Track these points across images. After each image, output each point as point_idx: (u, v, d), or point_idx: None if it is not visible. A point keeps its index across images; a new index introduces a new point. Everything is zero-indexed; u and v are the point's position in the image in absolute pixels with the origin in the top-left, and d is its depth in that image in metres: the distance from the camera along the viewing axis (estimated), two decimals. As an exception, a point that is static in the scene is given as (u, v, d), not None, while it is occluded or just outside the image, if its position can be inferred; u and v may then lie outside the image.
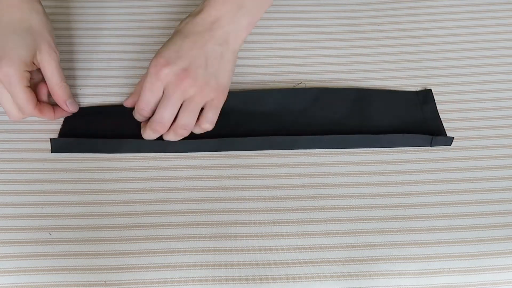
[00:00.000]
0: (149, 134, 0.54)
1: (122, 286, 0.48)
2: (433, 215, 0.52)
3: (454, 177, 0.55)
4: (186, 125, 0.53)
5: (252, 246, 0.50)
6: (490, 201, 0.53)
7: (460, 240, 0.51)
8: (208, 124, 0.54)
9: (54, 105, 0.57)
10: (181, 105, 0.53)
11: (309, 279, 0.49)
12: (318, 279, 0.49)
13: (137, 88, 0.57)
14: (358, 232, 0.51)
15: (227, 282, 0.49)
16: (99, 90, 0.61)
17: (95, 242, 0.50)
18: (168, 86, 0.52)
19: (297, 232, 0.51)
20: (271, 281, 0.49)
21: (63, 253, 0.49)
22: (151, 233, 0.51)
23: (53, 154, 0.55)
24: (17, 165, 0.55)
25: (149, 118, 0.54)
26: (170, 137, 0.54)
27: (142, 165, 0.55)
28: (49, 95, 0.56)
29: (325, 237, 0.51)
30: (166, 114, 0.52)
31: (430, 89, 0.61)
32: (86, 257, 0.49)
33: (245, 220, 0.52)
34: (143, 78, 0.55)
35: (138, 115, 0.55)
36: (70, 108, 0.57)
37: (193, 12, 0.54)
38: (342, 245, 0.51)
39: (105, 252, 0.50)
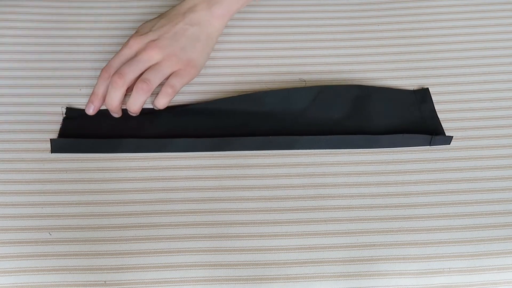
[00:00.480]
0: (110, 91, 0.56)
1: (122, 286, 0.48)
2: (433, 215, 0.52)
3: (454, 177, 0.55)
4: (148, 79, 0.56)
5: (252, 246, 0.50)
6: (490, 201, 0.53)
7: (460, 240, 0.51)
8: (169, 88, 0.57)
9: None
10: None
11: (309, 279, 0.49)
12: (318, 279, 0.49)
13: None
14: (358, 232, 0.51)
15: (227, 282, 0.49)
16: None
17: (95, 242, 0.50)
18: (139, 52, 0.57)
19: (297, 232, 0.51)
20: (271, 281, 0.49)
21: (63, 253, 0.49)
22: (151, 233, 0.51)
23: (53, 154, 0.55)
24: (17, 165, 0.55)
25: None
26: (134, 95, 0.56)
27: (142, 165, 0.55)
28: None
29: (325, 237, 0.51)
30: (128, 69, 0.56)
31: (427, 88, 0.61)
32: (86, 257, 0.49)
33: (245, 220, 0.52)
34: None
35: (100, 80, 0.57)
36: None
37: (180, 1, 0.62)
38: (342, 245, 0.51)
39: (105, 252, 0.50)
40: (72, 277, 0.48)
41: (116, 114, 0.58)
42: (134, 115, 0.58)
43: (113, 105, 0.57)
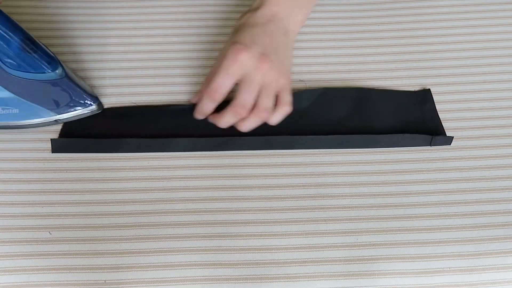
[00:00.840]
0: (228, 119, 0.54)
1: (122, 285, 0.48)
2: (433, 214, 0.53)
3: (454, 176, 0.55)
4: (267, 108, 0.54)
5: (252, 245, 0.51)
6: (489, 201, 0.54)
7: (459, 239, 0.51)
8: (287, 106, 0.55)
9: None
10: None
11: (309, 279, 0.49)
12: (318, 279, 0.49)
13: (204, 85, 0.58)
14: (358, 231, 0.51)
15: (227, 282, 0.49)
16: (113, 90, 0.61)
17: (95, 242, 0.50)
18: (249, 70, 0.53)
19: (297, 231, 0.51)
20: (271, 280, 0.49)
21: (63, 252, 0.50)
22: (151, 232, 0.51)
23: (53, 154, 0.56)
24: (17, 164, 0.55)
25: (214, 111, 0.56)
26: (251, 122, 0.54)
27: (142, 165, 0.55)
28: None
29: (325, 236, 0.51)
30: (249, 97, 0.53)
31: (429, 89, 0.61)
32: (86, 256, 0.49)
33: (244, 220, 0.52)
34: (214, 68, 0.57)
35: (208, 100, 0.54)
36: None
37: (251, 8, 0.58)
38: (342, 244, 0.51)
39: (105, 251, 0.50)
40: (72, 276, 0.48)
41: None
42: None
43: (227, 126, 0.56)
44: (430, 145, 0.57)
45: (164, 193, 0.53)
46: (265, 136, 0.56)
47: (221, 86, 0.53)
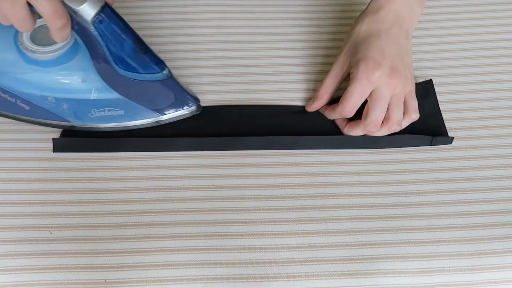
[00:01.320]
0: (357, 133, 0.56)
1: (123, 285, 0.48)
2: (433, 214, 0.53)
3: (454, 176, 0.55)
4: (399, 120, 0.55)
5: (252, 245, 0.51)
6: (489, 200, 0.54)
7: (459, 239, 0.51)
8: (415, 113, 0.56)
9: None
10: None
11: (309, 278, 0.49)
12: (318, 278, 0.49)
13: (322, 91, 0.58)
14: (358, 231, 0.51)
15: (228, 281, 0.49)
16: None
17: (96, 241, 0.50)
18: (379, 87, 0.53)
19: (297, 231, 0.51)
20: (272, 279, 0.49)
21: (64, 251, 0.50)
22: (151, 231, 0.51)
23: (54, 153, 0.56)
24: (18, 164, 0.55)
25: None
26: (381, 133, 0.56)
27: (143, 164, 0.55)
28: None
29: (325, 236, 0.51)
30: (380, 115, 0.54)
31: (431, 80, 0.61)
32: (87, 255, 0.49)
33: (245, 219, 0.52)
34: (329, 80, 0.58)
35: (338, 115, 0.56)
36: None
37: (369, 10, 0.58)
38: (342, 243, 0.51)
39: (106, 250, 0.50)
40: (72, 276, 0.48)
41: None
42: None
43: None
44: (431, 145, 0.57)
45: (164, 193, 0.54)
46: (266, 136, 0.56)
47: (355, 106, 0.54)
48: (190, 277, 0.49)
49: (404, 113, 0.56)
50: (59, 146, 0.56)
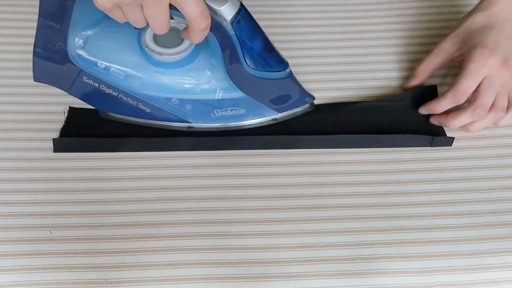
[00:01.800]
0: (464, 119, 0.56)
1: (123, 284, 0.48)
2: (433, 214, 0.53)
3: (454, 176, 0.55)
4: (504, 108, 0.56)
5: (252, 244, 0.51)
6: (489, 200, 0.54)
7: (459, 238, 0.51)
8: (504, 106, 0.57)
9: None
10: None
11: (309, 278, 0.49)
12: (318, 278, 0.49)
13: (421, 68, 0.61)
14: (358, 230, 0.52)
15: (228, 280, 0.49)
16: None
17: (96, 241, 0.50)
18: (492, 74, 0.55)
19: (297, 230, 0.51)
20: (272, 279, 0.49)
21: (64, 251, 0.50)
22: (151, 231, 0.51)
23: (54, 153, 0.56)
24: (18, 164, 0.55)
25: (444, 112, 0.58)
26: (486, 122, 0.56)
27: (143, 164, 0.55)
28: None
29: (325, 235, 0.51)
30: (488, 100, 0.55)
31: (435, 86, 0.61)
32: (87, 255, 0.49)
33: (245, 219, 0.52)
34: (430, 60, 0.60)
35: (452, 100, 0.56)
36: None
37: (481, 6, 0.59)
38: (342, 243, 0.51)
39: (106, 250, 0.50)
40: (73, 275, 0.48)
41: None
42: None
43: (459, 126, 0.57)
44: (431, 146, 0.57)
45: (165, 192, 0.54)
46: (267, 136, 0.56)
47: (469, 88, 0.55)
48: (190, 277, 0.49)
49: (507, 107, 0.57)
50: (59, 146, 0.56)
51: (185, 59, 0.53)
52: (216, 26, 0.48)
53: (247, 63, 0.51)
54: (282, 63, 0.53)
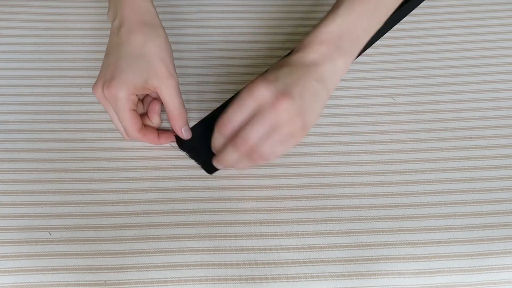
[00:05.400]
0: (229, 152, 0.49)
1: (122, 286, 0.48)
2: (433, 214, 0.53)
3: (454, 176, 0.55)
4: (266, 154, 0.48)
5: (252, 245, 0.51)
6: (489, 201, 0.54)
7: (459, 239, 0.51)
8: (273, 157, 0.49)
9: (159, 129, 0.56)
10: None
11: (309, 279, 0.49)
12: (318, 279, 0.49)
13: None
14: (358, 231, 0.51)
15: (227, 282, 0.49)
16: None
17: (95, 242, 0.50)
18: (263, 106, 0.47)
19: (297, 231, 0.51)
20: (271, 280, 0.49)
21: (63, 252, 0.50)
22: (151, 232, 0.51)
23: (52, 154, 0.55)
24: (17, 165, 0.55)
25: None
26: (244, 161, 0.50)
27: (142, 165, 0.55)
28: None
29: (325, 236, 0.51)
30: (253, 134, 0.47)
31: None
32: (86, 256, 0.49)
33: (245, 220, 0.52)
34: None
35: (217, 133, 0.50)
36: (185, 135, 0.55)
37: (292, 52, 0.52)
38: (342, 244, 0.51)
39: (105, 251, 0.50)
40: (72, 277, 0.48)
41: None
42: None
43: (229, 163, 0.50)
44: None
45: (164, 193, 0.53)
46: None
47: (229, 120, 0.48)
48: (190, 278, 0.49)
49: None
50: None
51: None
52: None
53: None
54: None
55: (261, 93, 0.47)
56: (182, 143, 0.56)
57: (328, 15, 0.52)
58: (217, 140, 0.50)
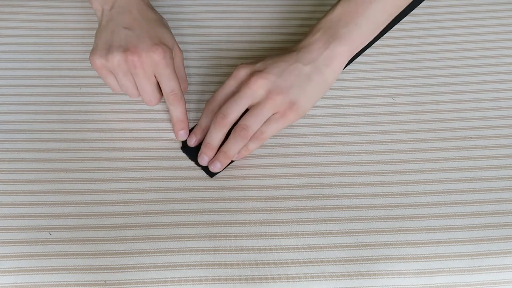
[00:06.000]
0: (211, 130, 0.53)
1: (122, 286, 0.48)
2: (433, 214, 0.53)
3: (454, 177, 0.55)
4: (247, 127, 0.51)
5: (252, 245, 0.51)
6: (489, 201, 0.54)
7: (459, 239, 0.51)
8: (264, 134, 0.53)
9: None
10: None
11: (309, 279, 0.49)
12: (318, 279, 0.49)
13: (206, 108, 0.56)
14: (358, 231, 0.51)
15: (227, 282, 0.49)
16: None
17: (95, 242, 0.50)
18: (241, 85, 0.53)
19: (297, 231, 0.51)
20: (271, 280, 0.49)
21: (63, 252, 0.50)
22: (151, 232, 0.51)
23: (52, 154, 0.55)
24: (17, 165, 0.55)
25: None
26: (232, 141, 0.52)
27: (142, 165, 0.55)
28: None
29: (325, 236, 0.51)
30: (230, 107, 0.52)
31: None
32: (86, 256, 0.49)
33: (244, 220, 0.52)
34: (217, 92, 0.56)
35: (203, 116, 0.55)
36: (180, 138, 0.57)
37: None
38: (342, 244, 0.51)
39: (105, 251, 0.50)
40: (72, 277, 0.48)
41: (212, 152, 0.54)
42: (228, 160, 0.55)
43: (213, 144, 0.53)
44: None
45: (164, 194, 0.53)
46: None
47: (216, 99, 0.54)
48: (190, 278, 0.49)
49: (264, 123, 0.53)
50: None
51: None
52: None
53: None
54: None
55: (240, 73, 0.53)
56: (185, 146, 0.56)
57: (331, 7, 0.56)
58: (203, 119, 0.55)
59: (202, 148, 0.54)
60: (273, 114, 0.53)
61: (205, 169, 0.55)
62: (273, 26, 0.67)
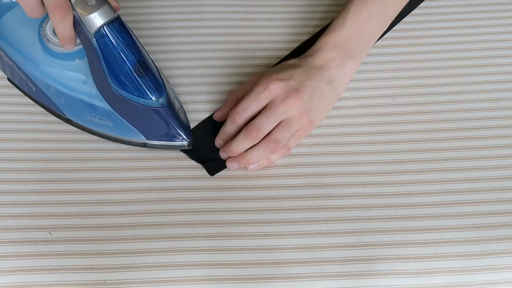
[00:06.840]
0: (241, 139, 0.53)
1: (122, 285, 0.48)
2: (433, 214, 0.53)
3: (454, 177, 0.55)
4: (279, 141, 0.53)
5: (252, 245, 0.51)
6: (489, 201, 0.54)
7: (459, 239, 0.51)
8: (286, 150, 0.55)
9: None
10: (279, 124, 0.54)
11: (309, 279, 0.49)
12: (318, 279, 0.49)
13: (229, 98, 0.58)
14: (358, 231, 0.51)
15: (227, 282, 0.49)
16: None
17: (95, 242, 0.50)
18: (275, 99, 0.53)
19: (297, 231, 0.51)
20: (271, 280, 0.49)
21: (63, 252, 0.50)
22: (151, 232, 0.51)
23: (53, 154, 0.55)
24: (17, 165, 0.55)
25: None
26: (259, 150, 0.53)
27: (142, 165, 0.55)
28: None
29: (325, 236, 0.51)
30: (265, 123, 0.53)
31: None
32: (86, 256, 0.49)
33: (244, 220, 0.52)
34: (242, 89, 0.57)
35: (230, 122, 0.54)
36: None
37: (303, 56, 0.58)
38: (342, 244, 0.51)
39: (105, 251, 0.50)
40: (72, 277, 0.48)
41: (233, 157, 0.55)
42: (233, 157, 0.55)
43: (238, 152, 0.54)
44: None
45: (164, 193, 0.53)
46: None
47: (244, 109, 0.53)
48: (190, 278, 0.49)
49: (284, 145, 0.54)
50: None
51: (71, 54, 0.52)
52: (80, 34, 0.48)
53: (112, 80, 0.50)
54: (154, 91, 0.50)
55: (277, 89, 0.53)
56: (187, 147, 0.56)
57: (338, 19, 0.58)
58: (229, 128, 0.55)
59: (226, 150, 0.55)
60: (296, 131, 0.55)
61: (206, 166, 0.55)
62: (272, 26, 0.67)
